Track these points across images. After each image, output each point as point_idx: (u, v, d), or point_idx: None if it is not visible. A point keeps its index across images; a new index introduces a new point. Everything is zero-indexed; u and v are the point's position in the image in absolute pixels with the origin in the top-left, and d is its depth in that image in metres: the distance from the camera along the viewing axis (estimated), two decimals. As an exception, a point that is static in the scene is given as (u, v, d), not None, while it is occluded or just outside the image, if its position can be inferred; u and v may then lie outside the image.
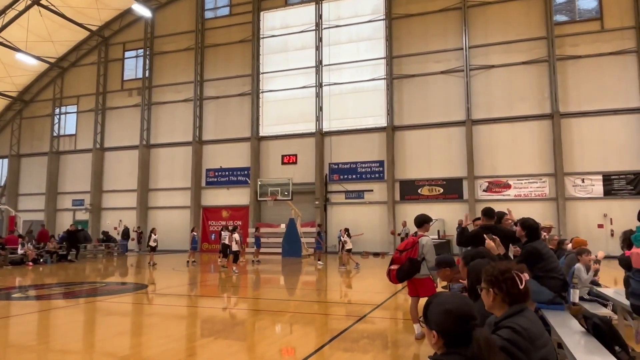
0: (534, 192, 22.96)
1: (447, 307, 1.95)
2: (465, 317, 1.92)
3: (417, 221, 6.45)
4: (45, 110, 34.62)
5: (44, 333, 7.40)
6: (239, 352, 5.93)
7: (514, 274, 2.53)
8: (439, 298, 2.06)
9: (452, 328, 1.91)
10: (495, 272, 2.55)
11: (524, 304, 2.53)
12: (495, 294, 2.52)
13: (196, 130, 29.73)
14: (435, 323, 1.96)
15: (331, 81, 27.32)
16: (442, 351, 1.96)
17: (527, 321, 2.44)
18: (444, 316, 1.94)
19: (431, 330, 1.98)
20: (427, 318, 2.03)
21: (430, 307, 2.03)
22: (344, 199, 26.46)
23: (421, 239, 6.16)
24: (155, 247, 19.07)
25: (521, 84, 23.69)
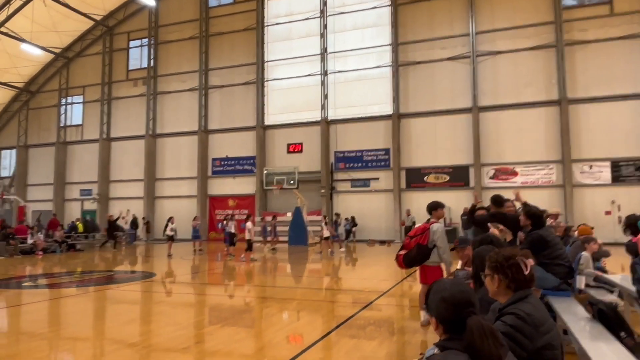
0: (541, 179, 22.83)
1: (443, 295, 2.00)
2: (460, 305, 1.95)
3: (429, 208, 6.45)
4: (51, 101, 34.75)
5: (54, 321, 7.53)
6: (247, 339, 6.01)
7: (519, 260, 2.54)
8: (437, 286, 2.10)
9: (447, 315, 1.96)
10: (499, 259, 2.56)
11: (528, 290, 2.54)
12: (500, 280, 2.53)
13: (202, 119, 29.75)
14: (434, 310, 2.01)
15: (336, 69, 27.15)
16: (443, 337, 2.00)
17: (532, 307, 2.45)
18: (440, 304, 1.98)
19: (432, 316, 2.03)
20: (427, 305, 2.08)
21: (430, 295, 2.08)
22: (350, 187, 26.46)
23: (432, 226, 6.12)
24: (172, 236, 18.53)
25: (528, 70, 23.43)
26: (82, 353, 5.48)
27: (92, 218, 28.97)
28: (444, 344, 1.96)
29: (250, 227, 16.13)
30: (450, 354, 1.88)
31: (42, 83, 35.08)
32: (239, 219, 27.17)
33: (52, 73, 34.65)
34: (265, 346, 5.63)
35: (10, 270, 14.12)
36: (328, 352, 5.33)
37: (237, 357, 5.08)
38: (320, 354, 5.21)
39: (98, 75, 32.95)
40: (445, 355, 1.89)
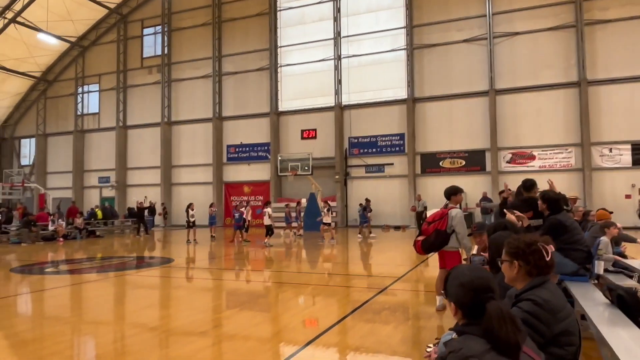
0: (560, 163, 22.46)
1: (462, 281, 2.02)
2: (479, 290, 1.97)
3: (446, 193, 6.41)
4: (68, 90, 35.18)
5: (76, 305, 7.73)
6: (263, 323, 6.10)
7: (541, 246, 2.52)
8: (456, 271, 2.11)
9: (466, 300, 1.98)
10: (521, 245, 2.54)
11: (546, 276, 2.52)
12: (520, 266, 2.51)
13: (216, 106, 29.84)
14: (452, 295, 2.03)
15: (350, 53, 26.88)
16: (462, 322, 2.02)
17: (549, 293, 2.44)
18: (459, 289, 2.01)
19: (450, 302, 2.06)
20: (446, 290, 2.10)
21: (449, 280, 2.10)
22: (364, 173, 26.39)
23: (451, 211, 6.11)
24: (193, 222, 18.49)
25: (547, 51, 22.89)
26: (104, 337, 5.63)
27: (111, 205, 29.46)
28: (462, 329, 1.98)
29: (270, 212, 16.19)
30: (468, 339, 1.89)
31: (59, 72, 35.49)
32: (255, 206, 27.40)
33: (68, 62, 35.02)
34: (281, 330, 5.71)
35: (33, 256, 14.49)
36: (344, 337, 5.38)
37: (254, 340, 5.17)
38: (336, 338, 5.27)
39: (113, 64, 33.20)
40: (463, 340, 1.91)
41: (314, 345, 4.89)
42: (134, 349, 4.94)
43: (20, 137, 37.55)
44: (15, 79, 34.15)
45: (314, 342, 4.97)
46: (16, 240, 19.24)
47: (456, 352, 1.85)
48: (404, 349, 4.67)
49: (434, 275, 9.59)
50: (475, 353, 1.81)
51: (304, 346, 4.84)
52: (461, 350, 1.84)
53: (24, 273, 10.98)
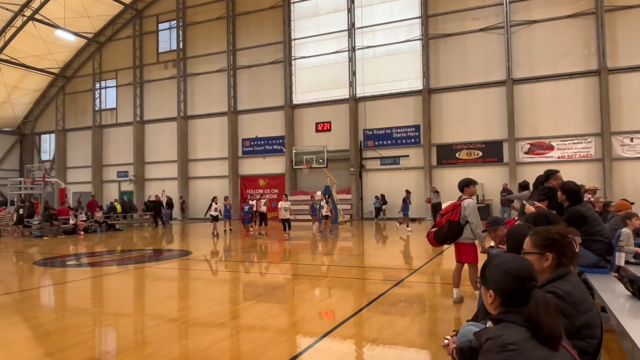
0: (579, 153, 22.06)
1: (506, 268, 2.00)
2: (523, 278, 1.96)
3: (461, 185, 6.41)
4: (86, 86, 35.70)
5: (98, 297, 7.90)
6: (280, 315, 6.15)
7: (572, 237, 2.51)
8: (499, 259, 2.09)
9: (509, 288, 1.95)
10: (555, 236, 2.50)
11: (568, 268, 2.50)
12: (553, 259, 2.48)
13: (231, 100, 29.98)
14: (493, 282, 2.01)
15: (364, 44, 26.71)
16: (498, 310, 2.00)
17: (571, 285, 2.41)
18: (502, 276, 1.98)
19: (488, 289, 2.03)
20: (484, 278, 2.07)
21: (489, 267, 2.07)
22: (379, 165, 26.29)
23: (464, 202, 6.11)
24: (217, 216, 18.25)
25: (566, 39, 22.42)
26: (125, 328, 5.75)
27: (130, 199, 29.90)
28: (500, 317, 1.96)
29: (287, 205, 16.34)
30: (507, 326, 1.88)
31: (77, 68, 36.02)
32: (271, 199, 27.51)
33: (86, 58, 35.50)
34: (298, 322, 5.76)
35: (54, 249, 14.82)
36: (360, 328, 5.41)
37: (272, 332, 5.22)
38: (353, 330, 5.30)
39: (129, 59, 33.54)
40: (502, 327, 1.89)
41: (331, 336, 4.93)
42: (154, 339, 5.04)
43: (40, 133, 38.29)
44: (34, 76, 34.78)
45: (331, 334, 5.00)
46: (38, 233, 19.70)
47: (495, 339, 1.83)
48: (421, 340, 4.68)
49: (450, 268, 9.55)
50: (515, 341, 1.79)
51: (321, 338, 4.87)
52: (501, 337, 1.82)
53: (47, 266, 11.25)
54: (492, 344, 1.83)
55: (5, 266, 11.52)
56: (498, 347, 1.80)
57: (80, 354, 4.55)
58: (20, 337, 5.33)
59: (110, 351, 4.88)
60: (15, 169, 37.51)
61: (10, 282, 9.28)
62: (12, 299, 7.60)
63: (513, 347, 1.78)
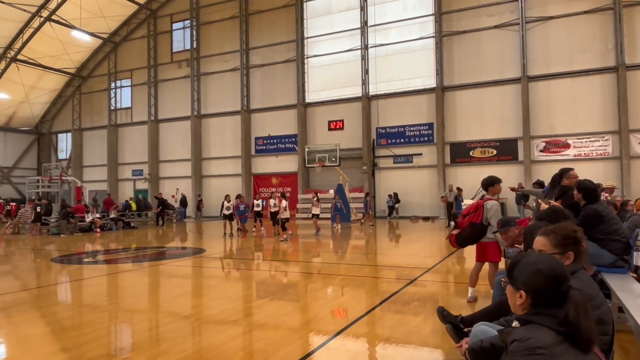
0: (596, 151, 21.70)
1: (540, 267, 1.89)
2: (559, 278, 1.86)
3: (484, 184, 6.20)
4: (101, 85, 36.17)
5: (113, 294, 8.00)
6: (293, 313, 6.17)
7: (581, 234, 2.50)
8: (530, 258, 1.98)
9: (544, 288, 1.85)
10: (574, 234, 2.46)
11: (578, 264, 2.47)
12: (573, 257, 2.44)
13: (244, 99, 30.11)
14: (525, 282, 1.90)
15: (377, 42, 26.60)
16: (527, 311, 1.91)
17: (581, 282, 2.38)
18: (535, 276, 1.88)
19: (518, 290, 1.92)
20: (513, 278, 1.97)
21: (519, 266, 1.96)
22: (392, 163, 26.18)
23: (486, 203, 5.89)
24: (230, 215, 17.38)
25: (582, 36, 22.05)
26: (140, 325, 5.82)
27: (144, 197, 30.24)
28: (528, 318, 1.86)
29: (284, 205, 15.44)
30: (535, 328, 1.79)
31: (93, 68, 36.50)
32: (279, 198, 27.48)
33: (101, 58, 35.95)
34: (311, 320, 5.77)
35: (71, 246, 15.06)
36: (373, 327, 5.39)
37: (284, 329, 5.24)
38: (365, 329, 5.29)
39: (144, 59, 33.88)
40: (530, 329, 1.80)
41: (344, 335, 4.93)
42: (168, 336, 5.09)
43: (57, 132, 38.92)
44: (51, 76, 35.34)
45: (344, 332, 5.00)
46: (55, 231, 20.03)
47: (522, 341, 1.75)
48: (435, 339, 4.65)
49: (464, 267, 9.49)
50: (544, 344, 1.71)
51: (334, 336, 4.87)
52: (529, 340, 1.73)
53: (64, 263, 11.43)
54: (519, 347, 1.75)
55: (23, 263, 11.73)
56: (526, 350, 1.72)
57: (96, 349, 4.62)
58: (38, 333, 5.42)
59: (126, 347, 4.94)
60: (33, 168, 38.18)
61: (29, 279, 9.45)
62: (30, 295, 7.75)
63: (542, 350, 1.70)
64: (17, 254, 12.21)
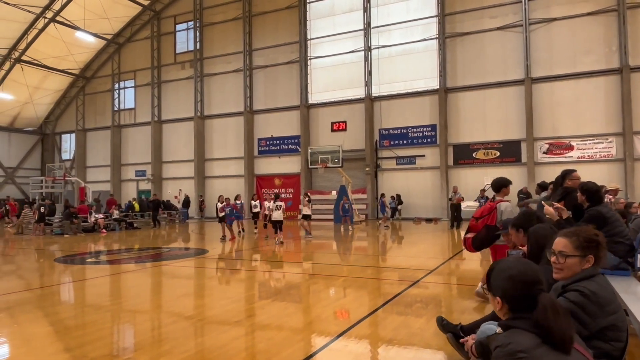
0: (599, 153, 21.64)
1: (510, 273, 1.94)
2: (529, 282, 1.90)
3: (495, 186, 6.13)
4: (105, 86, 36.29)
5: (116, 294, 8.02)
6: (295, 314, 6.17)
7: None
8: (502, 264, 2.03)
9: (515, 293, 1.90)
10: (596, 237, 2.43)
11: (596, 268, 2.44)
12: (594, 261, 2.42)
13: (247, 100, 30.15)
14: (499, 289, 1.95)
15: (380, 44, 26.61)
16: (507, 317, 1.95)
17: (598, 286, 2.36)
18: (507, 282, 1.92)
19: (495, 296, 1.97)
20: (490, 285, 2.02)
21: (493, 274, 2.01)
22: (395, 164, 26.17)
23: (500, 205, 5.83)
24: (223, 216, 16.28)
25: (586, 37, 22.01)
26: (142, 325, 5.83)
27: (147, 197, 30.30)
28: (508, 323, 1.91)
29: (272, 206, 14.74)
30: (515, 333, 1.83)
31: (96, 69, 36.64)
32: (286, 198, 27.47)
33: (105, 59, 36.08)
34: (314, 321, 5.76)
35: (74, 247, 15.09)
36: (375, 328, 5.39)
37: (287, 330, 5.24)
38: (368, 330, 5.28)
39: (147, 60, 33.99)
40: (510, 334, 1.84)
41: (346, 336, 4.92)
42: (171, 336, 5.09)
43: (61, 133, 39.07)
44: (55, 77, 35.48)
45: (346, 334, 5.00)
46: (59, 231, 20.09)
47: (503, 347, 1.78)
48: (437, 341, 4.64)
49: (467, 269, 9.48)
50: (524, 348, 1.75)
51: (337, 337, 4.87)
52: (509, 345, 1.77)
53: (67, 263, 11.45)
54: (501, 352, 1.78)
55: (27, 263, 11.77)
56: (507, 356, 1.76)
57: (99, 349, 4.63)
58: (41, 332, 5.44)
59: (128, 347, 4.95)
60: (37, 168, 38.33)
61: (32, 279, 9.48)
62: (34, 295, 7.77)
63: (523, 354, 1.73)
64: (21, 254, 12.25)
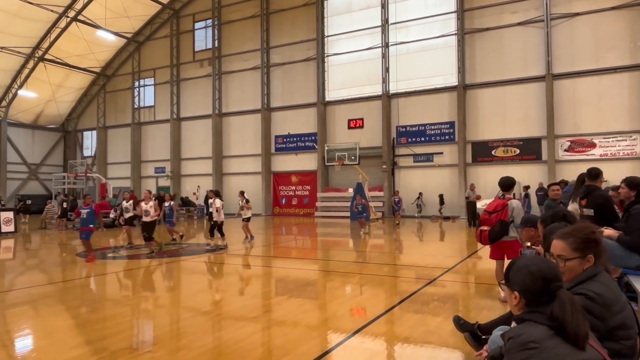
0: (623, 151, 21.13)
1: (530, 270, 1.99)
2: (549, 279, 1.95)
3: (507, 184, 6.36)
4: (125, 84, 36.84)
5: (136, 289, 8.15)
6: (312, 310, 6.19)
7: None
8: (522, 261, 2.08)
9: (534, 289, 1.95)
10: (594, 236, 2.41)
11: (598, 267, 2.39)
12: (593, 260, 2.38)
13: (264, 97, 30.27)
14: (518, 284, 2.00)
15: (398, 40, 26.40)
16: (522, 311, 2.00)
17: (602, 286, 2.32)
18: (527, 277, 1.98)
19: (513, 291, 2.03)
20: (509, 280, 2.07)
21: (513, 269, 2.07)
22: (412, 162, 25.97)
23: (511, 202, 6.12)
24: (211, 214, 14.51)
25: (610, 32, 21.47)
26: (160, 319, 5.92)
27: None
28: (523, 316, 1.97)
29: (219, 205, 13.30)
30: (529, 325, 1.88)
31: (117, 67, 37.19)
32: (302, 195, 27.45)
33: (125, 57, 36.59)
34: (329, 318, 5.78)
35: (96, 242, 15.37)
36: (392, 326, 5.37)
37: (303, 327, 5.26)
38: (384, 328, 5.27)
39: (167, 58, 34.37)
40: (523, 326, 1.90)
41: (363, 333, 4.92)
42: (189, 331, 5.16)
43: (82, 130, 39.81)
44: (77, 75, 36.15)
45: (362, 331, 4.99)
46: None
47: (516, 338, 1.84)
48: (454, 340, 4.60)
49: (484, 268, 9.36)
50: (536, 338, 1.80)
51: (353, 334, 4.87)
52: (521, 336, 1.83)
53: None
54: (513, 343, 1.84)
55: (50, 257, 12.05)
56: (519, 346, 1.81)
57: (119, 342, 4.72)
58: (63, 326, 5.57)
59: (147, 341, 5.03)
60: (60, 165, 39.18)
61: (55, 273, 9.70)
62: (56, 288, 7.95)
63: (534, 345, 1.78)
64: (44, 248, 12.52)
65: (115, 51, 36.08)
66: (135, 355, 4.37)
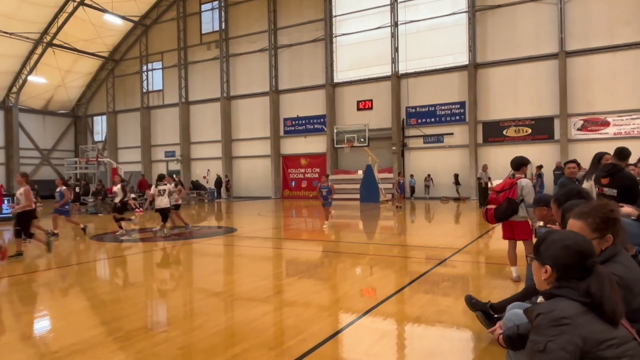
0: (637, 129, 20.77)
1: (566, 243, 1.94)
2: (585, 253, 1.91)
3: (516, 164, 6.30)
4: (134, 68, 36.81)
5: (149, 271, 8.27)
6: (323, 291, 6.23)
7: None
8: (557, 234, 2.03)
9: (569, 262, 1.90)
10: (612, 215, 2.33)
11: (617, 246, 2.34)
12: (612, 239, 2.33)
13: (272, 80, 30.09)
14: (551, 257, 1.95)
15: (407, 19, 25.97)
16: (551, 286, 1.95)
17: (622, 268, 2.27)
18: (562, 251, 1.93)
19: (544, 264, 1.97)
20: (539, 253, 2.01)
21: (546, 242, 2.01)
22: (422, 143, 25.79)
23: (520, 181, 6.05)
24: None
25: (625, 7, 20.90)
26: (174, 300, 6.01)
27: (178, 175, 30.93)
28: (552, 292, 1.91)
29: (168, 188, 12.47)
30: (559, 301, 1.83)
31: (125, 51, 37.13)
32: (311, 178, 27.41)
33: (133, 41, 36.50)
34: (340, 298, 5.82)
35: (108, 225, 15.59)
36: (403, 306, 5.40)
37: (314, 307, 5.30)
38: (395, 307, 5.29)
39: (174, 41, 34.21)
40: (554, 302, 1.85)
41: (374, 313, 4.95)
42: (202, 311, 5.23)
43: (92, 115, 40.02)
44: (85, 60, 36.17)
45: (374, 311, 5.03)
46: (93, 210, 20.76)
47: (547, 313, 1.79)
48: (466, 320, 4.61)
49: (495, 248, 9.34)
50: (569, 314, 1.75)
51: (364, 314, 4.91)
52: (553, 312, 1.78)
53: (102, 241, 11.85)
54: (543, 319, 1.78)
55: (64, 241, 12.23)
56: (551, 322, 1.76)
57: (134, 322, 4.80)
58: (79, 307, 5.68)
59: (161, 321, 5.12)
60: (71, 150, 39.53)
61: (70, 256, 9.87)
62: (72, 271, 8.10)
63: (567, 321, 1.74)
64: (58, 232, 12.73)
65: (122, 35, 35.98)
66: (150, 335, 4.45)
